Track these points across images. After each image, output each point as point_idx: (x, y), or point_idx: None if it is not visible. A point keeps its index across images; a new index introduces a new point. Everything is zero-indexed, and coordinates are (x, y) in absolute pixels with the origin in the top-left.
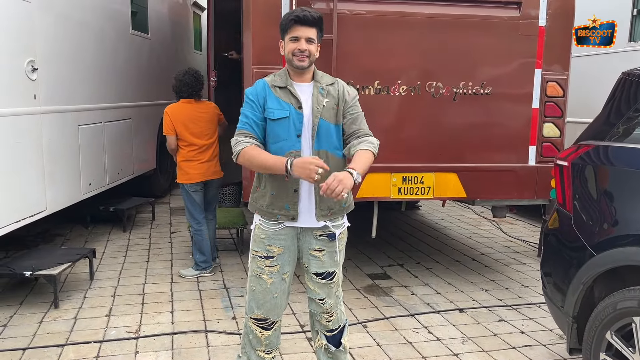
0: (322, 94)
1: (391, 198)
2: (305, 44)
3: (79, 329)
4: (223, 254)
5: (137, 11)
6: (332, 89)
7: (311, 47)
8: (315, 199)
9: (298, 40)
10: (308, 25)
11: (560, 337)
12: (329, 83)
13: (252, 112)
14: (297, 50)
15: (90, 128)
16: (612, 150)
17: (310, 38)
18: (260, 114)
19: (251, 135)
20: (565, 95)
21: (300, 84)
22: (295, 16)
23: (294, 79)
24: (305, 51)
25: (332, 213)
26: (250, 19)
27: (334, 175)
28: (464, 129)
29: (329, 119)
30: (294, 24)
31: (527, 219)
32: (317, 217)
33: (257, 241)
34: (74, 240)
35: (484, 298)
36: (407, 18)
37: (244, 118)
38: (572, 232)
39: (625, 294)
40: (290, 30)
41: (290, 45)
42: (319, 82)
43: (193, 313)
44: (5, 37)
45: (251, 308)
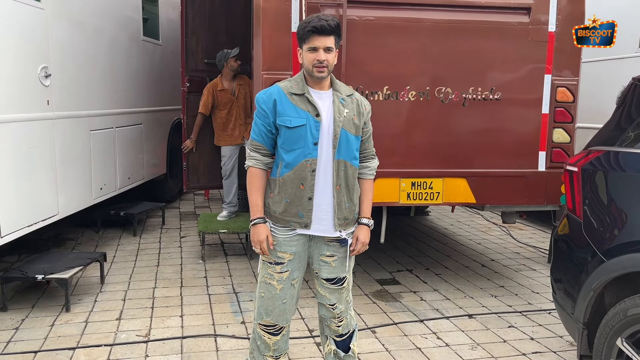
0: (343, 104)
1: (400, 203)
2: (324, 54)
3: (89, 332)
4: (232, 259)
5: (149, 18)
6: (350, 100)
7: (329, 57)
8: (334, 208)
9: (317, 50)
10: (326, 35)
11: (571, 344)
12: (348, 94)
13: (261, 121)
14: (317, 61)
15: (102, 133)
16: (623, 155)
17: (329, 47)
18: (270, 122)
19: (262, 148)
20: (575, 101)
21: (318, 91)
22: (313, 27)
23: (312, 85)
24: (324, 61)
25: (347, 223)
26: (260, 26)
27: (361, 243)
28: (474, 134)
29: (350, 129)
30: (312, 34)
31: (537, 224)
32: (335, 226)
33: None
34: (85, 244)
35: (494, 304)
36: (416, 24)
37: (255, 127)
38: (582, 238)
39: (636, 300)
40: (309, 40)
41: (309, 56)
42: (338, 91)
43: (202, 317)
44: (20, 43)
45: (260, 314)
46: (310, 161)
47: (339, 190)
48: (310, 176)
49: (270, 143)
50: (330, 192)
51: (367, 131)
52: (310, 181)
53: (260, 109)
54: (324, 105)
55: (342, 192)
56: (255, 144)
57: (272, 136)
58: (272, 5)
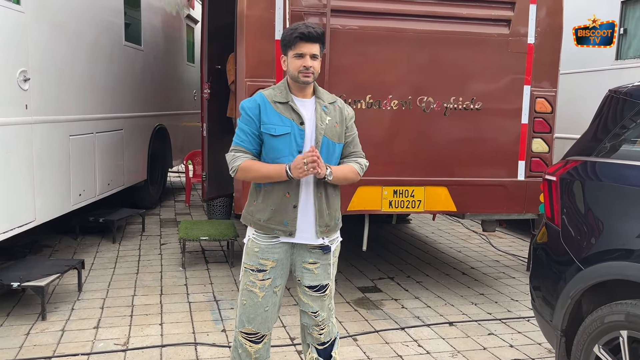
0: (325, 112)
1: (382, 211)
2: (310, 60)
3: (66, 341)
4: (213, 267)
5: (131, 23)
6: (333, 107)
7: (315, 63)
8: (315, 216)
9: (303, 57)
10: (312, 42)
11: (549, 351)
12: (331, 101)
13: (248, 127)
14: (303, 67)
15: (81, 138)
16: (600, 165)
17: (315, 54)
18: (256, 128)
19: (247, 151)
20: (553, 112)
21: (302, 99)
22: (300, 33)
23: (296, 94)
24: (310, 68)
25: (329, 230)
26: (244, 33)
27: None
28: (455, 143)
29: (332, 136)
30: (299, 41)
31: (516, 233)
32: (317, 233)
33: (249, 254)
34: (63, 251)
35: (474, 312)
36: (398, 34)
37: (240, 133)
38: (561, 247)
39: (613, 307)
40: (295, 46)
41: (295, 62)
42: (321, 98)
43: (182, 325)
44: None
45: (242, 322)
46: None
47: (320, 197)
48: (295, 184)
49: (256, 148)
50: (312, 200)
51: (350, 135)
52: (295, 189)
53: (246, 115)
54: (307, 114)
55: (323, 200)
56: (240, 148)
57: (259, 141)
58: (256, 13)
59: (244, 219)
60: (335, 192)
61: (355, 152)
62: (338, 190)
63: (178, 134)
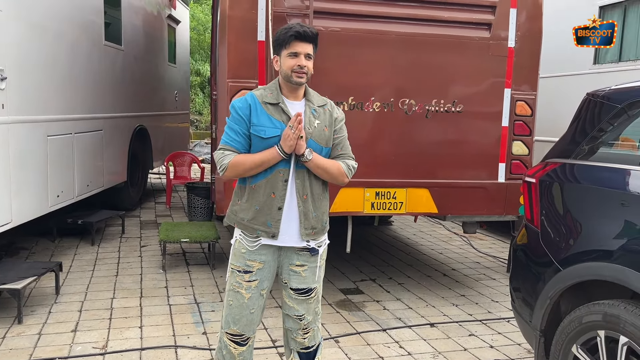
0: (314, 115)
1: (364, 213)
2: (305, 60)
3: (43, 344)
4: (194, 269)
5: (111, 22)
6: (322, 110)
7: (309, 63)
8: (300, 218)
9: (297, 56)
10: (307, 41)
11: (529, 351)
12: (320, 104)
13: (238, 126)
14: (297, 66)
15: (59, 139)
16: (578, 168)
17: (309, 54)
18: (246, 129)
19: (236, 151)
20: (533, 115)
21: (292, 101)
22: (296, 32)
23: (286, 95)
24: (305, 67)
25: (315, 232)
26: (226, 34)
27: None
28: (436, 145)
29: (319, 140)
30: (294, 40)
31: (496, 235)
32: (302, 236)
33: (237, 255)
34: (40, 253)
35: (455, 313)
36: (381, 36)
37: (230, 132)
38: (540, 248)
39: (590, 308)
40: (289, 45)
41: (289, 62)
42: (311, 101)
43: (163, 328)
44: None
45: (227, 323)
46: (282, 171)
47: (306, 200)
48: (282, 186)
49: (245, 148)
50: (296, 202)
51: (339, 137)
52: (281, 191)
53: (237, 114)
54: None
55: (309, 202)
56: (229, 147)
57: (248, 141)
58: (238, 14)
59: (228, 218)
60: (323, 194)
61: (343, 154)
62: (326, 193)
63: (159, 134)
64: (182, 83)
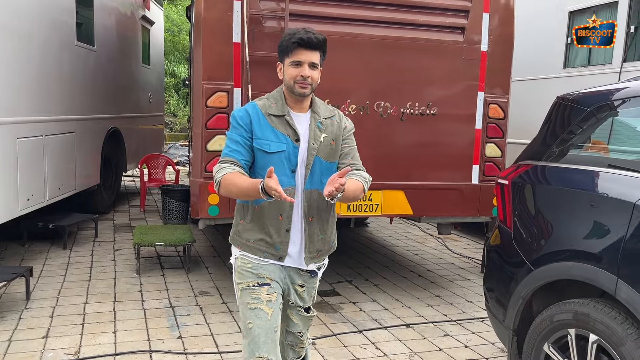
0: (320, 129)
1: (340, 214)
2: (309, 69)
3: (13, 351)
4: (169, 272)
5: (83, 22)
6: (330, 122)
7: (314, 73)
8: (305, 242)
9: (301, 65)
10: (312, 49)
11: (502, 350)
12: (327, 116)
13: (239, 135)
14: (300, 77)
15: (30, 141)
16: (548, 170)
17: (314, 63)
18: (248, 137)
19: (236, 163)
20: (506, 117)
21: (298, 113)
22: (299, 39)
23: (291, 106)
24: (308, 78)
25: (320, 255)
26: (201, 36)
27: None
28: (411, 148)
29: (325, 156)
30: (297, 47)
31: (470, 236)
32: (306, 260)
33: (243, 273)
34: (9, 258)
35: (430, 313)
36: (356, 39)
37: (230, 143)
38: (513, 248)
39: (561, 306)
40: (292, 53)
41: (292, 71)
42: (317, 113)
43: (137, 333)
44: None
45: (251, 351)
46: (289, 189)
47: (312, 222)
48: (289, 206)
49: (247, 159)
50: (301, 224)
51: (348, 146)
52: (288, 211)
53: (237, 123)
54: (302, 129)
55: (315, 224)
56: (229, 159)
57: (251, 152)
58: (213, 15)
59: (232, 239)
60: (332, 214)
61: (354, 163)
62: (334, 212)
63: (133, 137)
64: (157, 84)
